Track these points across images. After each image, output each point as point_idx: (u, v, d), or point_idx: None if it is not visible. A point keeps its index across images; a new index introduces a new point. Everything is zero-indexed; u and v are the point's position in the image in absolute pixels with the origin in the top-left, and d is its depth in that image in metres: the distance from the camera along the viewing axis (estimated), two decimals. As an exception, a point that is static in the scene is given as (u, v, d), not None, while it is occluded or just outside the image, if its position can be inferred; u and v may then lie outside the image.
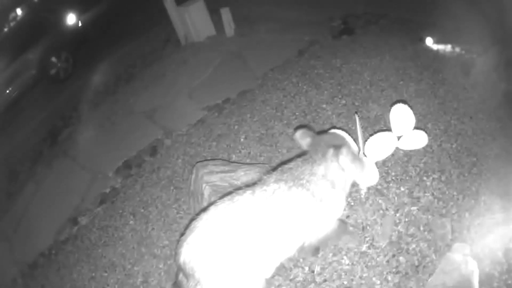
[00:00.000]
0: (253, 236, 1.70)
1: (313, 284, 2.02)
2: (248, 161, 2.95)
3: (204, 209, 1.84)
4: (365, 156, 2.12)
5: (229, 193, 1.85)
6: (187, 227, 1.82)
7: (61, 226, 3.53)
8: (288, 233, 1.77)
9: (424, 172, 2.37)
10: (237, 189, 1.86)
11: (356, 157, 1.88)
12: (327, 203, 1.81)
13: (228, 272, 1.69)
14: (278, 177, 1.81)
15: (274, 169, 1.92)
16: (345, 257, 2.08)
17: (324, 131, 2.04)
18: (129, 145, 4.00)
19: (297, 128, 2.02)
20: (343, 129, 2.34)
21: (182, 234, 1.81)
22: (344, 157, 1.79)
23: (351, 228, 2.15)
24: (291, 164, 1.88)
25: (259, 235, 1.71)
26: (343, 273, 2.02)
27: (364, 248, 2.09)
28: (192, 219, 1.83)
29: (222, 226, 1.71)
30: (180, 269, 1.75)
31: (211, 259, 1.68)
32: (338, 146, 1.82)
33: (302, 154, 1.94)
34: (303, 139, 1.95)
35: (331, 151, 1.80)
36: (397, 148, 2.35)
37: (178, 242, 1.81)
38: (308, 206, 1.77)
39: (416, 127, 2.31)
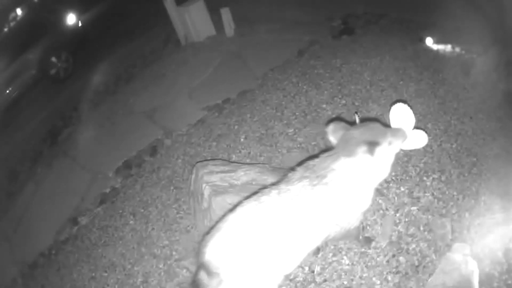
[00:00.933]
0: (278, 236, 1.70)
1: (313, 284, 2.02)
2: (248, 161, 2.95)
3: (230, 210, 1.84)
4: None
5: (255, 192, 1.84)
6: (213, 226, 1.81)
7: (61, 226, 3.52)
8: (311, 231, 1.76)
9: (424, 172, 2.37)
10: (263, 188, 1.85)
11: (393, 137, 1.81)
12: (351, 200, 1.79)
13: (252, 272, 1.70)
14: (303, 174, 1.79)
15: (299, 164, 1.89)
16: (345, 257, 2.08)
17: (357, 122, 1.98)
18: (129, 145, 4.00)
19: (330, 120, 1.95)
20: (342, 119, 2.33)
21: (207, 233, 1.81)
22: (377, 154, 1.74)
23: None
24: (315, 161, 1.84)
25: (284, 235, 1.71)
26: (343, 273, 2.02)
27: (364, 248, 2.09)
28: (218, 220, 1.83)
29: (247, 227, 1.71)
30: (203, 267, 1.74)
31: (236, 259, 1.68)
32: (372, 142, 1.75)
33: (329, 149, 1.91)
34: (335, 133, 1.89)
35: (363, 147, 1.74)
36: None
37: (202, 241, 1.81)
38: (332, 205, 1.75)
39: (416, 127, 2.31)
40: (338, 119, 1.95)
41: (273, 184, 1.85)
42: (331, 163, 1.78)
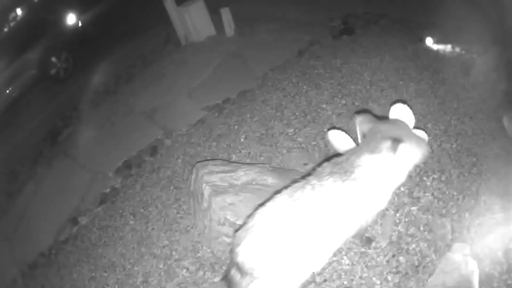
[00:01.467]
0: (310, 232, 1.71)
1: (313, 284, 2.02)
2: (248, 161, 2.95)
3: (261, 204, 1.84)
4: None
5: (286, 187, 1.85)
6: (245, 223, 1.81)
7: (61, 226, 3.52)
8: (341, 227, 1.77)
9: (424, 172, 2.37)
10: (294, 181, 1.86)
11: (415, 144, 1.82)
12: (374, 198, 1.80)
13: (284, 269, 1.70)
14: (332, 169, 1.79)
15: (328, 159, 1.91)
16: (345, 257, 2.08)
17: (385, 117, 2.00)
18: (129, 145, 4.00)
19: (359, 112, 1.96)
20: (343, 130, 2.35)
21: (237, 230, 1.82)
22: (401, 151, 1.75)
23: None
24: (343, 157, 1.85)
25: (316, 231, 1.71)
26: (343, 273, 2.02)
27: (364, 248, 2.09)
28: (249, 215, 1.83)
29: (280, 224, 1.71)
30: (235, 266, 1.75)
31: (269, 258, 1.69)
32: (397, 139, 1.76)
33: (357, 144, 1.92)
34: (362, 124, 1.91)
35: (388, 143, 1.75)
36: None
37: (234, 237, 1.81)
38: (359, 201, 1.76)
39: (416, 127, 2.31)
40: (366, 111, 1.95)
41: (303, 178, 1.84)
42: (357, 158, 1.79)
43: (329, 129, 2.40)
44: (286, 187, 1.85)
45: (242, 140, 3.21)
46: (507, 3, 2.73)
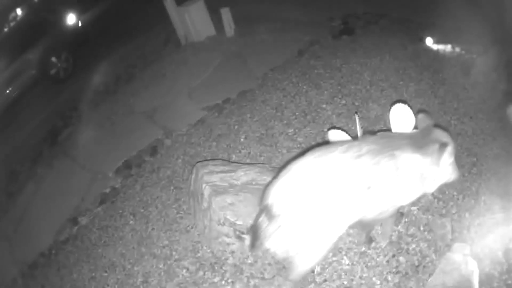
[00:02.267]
0: (338, 193, 1.73)
1: (313, 284, 2.02)
2: (248, 161, 2.95)
3: (298, 155, 1.87)
4: None
5: (324, 143, 1.88)
6: (277, 175, 1.84)
7: (61, 226, 3.52)
8: (365, 198, 1.78)
9: (424, 172, 2.37)
10: (334, 143, 1.89)
11: (453, 164, 1.88)
12: (402, 190, 1.81)
13: (311, 222, 1.74)
14: (373, 144, 1.80)
15: (373, 133, 1.93)
16: (345, 257, 2.08)
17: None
18: (129, 145, 3.99)
19: (420, 111, 2.02)
20: (343, 129, 2.35)
21: (274, 178, 1.85)
22: (446, 157, 1.79)
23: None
24: (389, 136, 1.89)
25: (343, 194, 1.74)
26: (343, 273, 2.02)
27: (364, 248, 2.09)
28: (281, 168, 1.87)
29: (312, 177, 1.74)
30: (264, 211, 1.78)
31: (298, 206, 1.72)
32: (445, 143, 1.80)
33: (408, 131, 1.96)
34: (421, 122, 1.95)
35: (436, 145, 1.79)
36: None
37: (268, 185, 1.85)
38: (389, 184, 1.77)
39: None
40: (426, 112, 2.05)
41: (342, 144, 1.85)
42: (403, 145, 1.81)
43: (329, 129, 2.41)
44: (323, 142, 1.87)
45: (242, 140, 3.21)
46: (507, 3, 2.74)
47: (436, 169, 1.81)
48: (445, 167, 1.82)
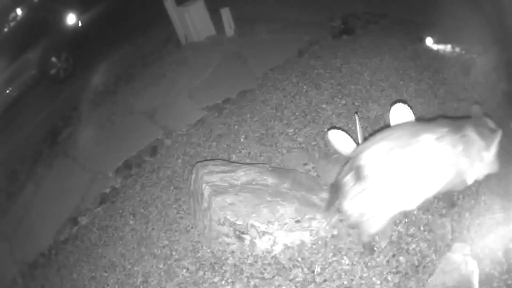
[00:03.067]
0: (423, 167, 1.82)
1: (313, 284, 2.02)
2: (248, 161, 2.95)
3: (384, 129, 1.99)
4: None
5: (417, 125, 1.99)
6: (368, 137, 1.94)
7: (61, 226, 3.52)
8: (444, 174, 1.87)
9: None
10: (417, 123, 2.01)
11: (496, 156, 2.02)
12: (472, 167, 1.92)
13: (395, 190, 1.82)
14: (450, 127, 1.89)
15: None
16: (345, 257, 2.08)
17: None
18: (129, 145, 4.00)
19: (475, 103, 2.21)
20: (343, 129, 2.35)
21: (366, 138, 1.98)
22: (496, 143, 1.94)
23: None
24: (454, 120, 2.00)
25: (427, 168, 1.83)
26: (343, 273, 2.02)
27: (364, 252, 2.09)
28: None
29: (404, 149, 1.82)
30: (353, 170, 1.84)
31: (388, 173, 1.80)
32: (497, 130, 1.97)
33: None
34: (475, 113, 2.10)
35: (491, 131, 1.93)
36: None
37: (358, 145, 1.99)
38: (462, 162, 1.87)
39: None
40: (480, 104, 2.27)
41: (427, 124, 1.96)
42: (470, 127, 1.92)
43: (329, 129, 2.42)
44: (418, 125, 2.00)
45: (242, 140, 3.21)
46: (507, 3, 2.73)
47: (487, 154, 1.93)
48: (492, 154, 1.95)
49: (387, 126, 2.23)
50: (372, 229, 1.93)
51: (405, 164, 1.81)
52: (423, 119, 2.11)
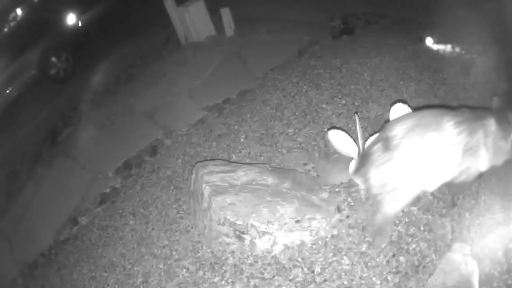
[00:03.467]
0: (445, 150, 1.89)
1: (313, 284, 2.02)
2: (248, 161, 2.95)
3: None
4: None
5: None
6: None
7: (61, 226, 3.53)
8: (463, 159, 1.92)
9: (424, 172, 2.36)
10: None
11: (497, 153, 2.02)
12: (489, 155, 1.95)
13: (419, 166, 1.90)
14: (467, 117, 1.93)
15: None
16: (345, 257, 2.08)
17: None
18: (129, 145, 4.00)
19: (495, 95, 2.25)
20: (343, 129, 2.35)
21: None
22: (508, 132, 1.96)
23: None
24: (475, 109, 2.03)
25: (448, 152, 1.89)
26: (343, 273, 2.02)
27: (364, 248, 2.09)
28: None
29: (433, 128, 1.89)
30: (383, 140, 1.92)
31: (416, 148, 1.87)
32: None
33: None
34: (495, 104, 2.16)
35: (508, 122, 1.97)
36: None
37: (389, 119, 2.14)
38: (479, 149, 1.93)
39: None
40: (500, 96, 2.30)
41: (448, 113, 1.98)
42: (489, 117, 1.96)
43: (329, 129, 2.42)
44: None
45: (242, 140, 3.21)
46: (507, 3, 2.73)
47: (504, 144, 1.97)
48: (509, 145, 1.98)
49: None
50: (390, 209, 1.97)
51: (428, 143, 1.88)
52: (446, 106, 2.18)
